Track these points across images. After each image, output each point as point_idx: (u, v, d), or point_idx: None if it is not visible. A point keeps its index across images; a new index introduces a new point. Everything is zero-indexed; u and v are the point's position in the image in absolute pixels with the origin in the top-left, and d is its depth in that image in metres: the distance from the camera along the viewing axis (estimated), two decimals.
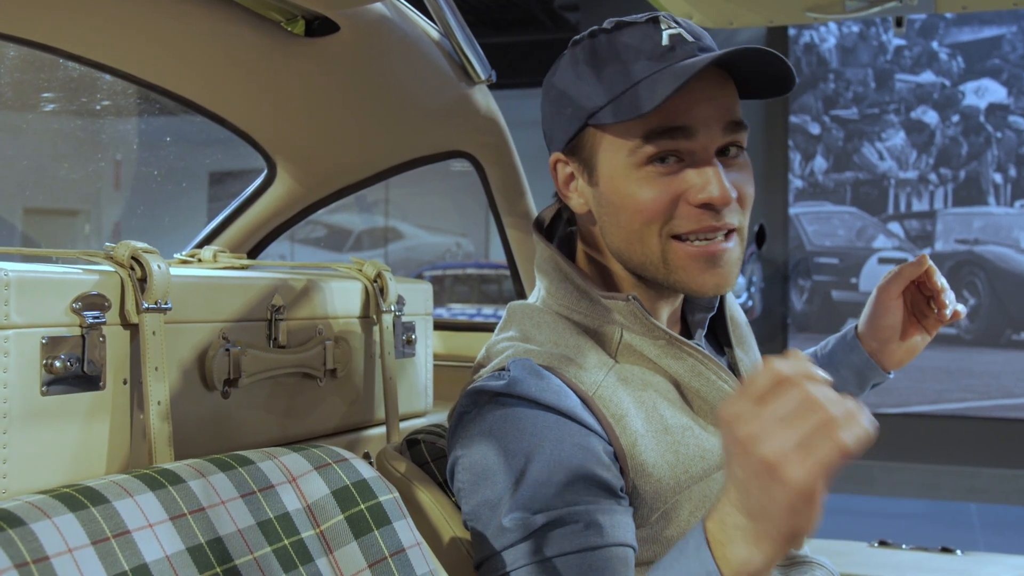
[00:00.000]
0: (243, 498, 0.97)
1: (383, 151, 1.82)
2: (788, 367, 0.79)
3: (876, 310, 1.40)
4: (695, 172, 1.09)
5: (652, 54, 1.09)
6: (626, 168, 1.10)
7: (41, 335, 0.96)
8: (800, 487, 0.76)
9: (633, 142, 1.09)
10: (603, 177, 1.13)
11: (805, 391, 0.77)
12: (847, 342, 1.46)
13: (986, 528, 5.95)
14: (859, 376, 1.45)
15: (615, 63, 1.10)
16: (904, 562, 1.80)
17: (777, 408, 0.77)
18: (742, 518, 0.82)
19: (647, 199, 1.09)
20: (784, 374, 0.78)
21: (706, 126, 1.08)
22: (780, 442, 0.76)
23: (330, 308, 1.41)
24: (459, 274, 9.94)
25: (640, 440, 1.08)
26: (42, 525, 0.80)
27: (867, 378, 1.45)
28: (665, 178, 1.09)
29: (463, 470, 1.09)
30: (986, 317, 7.32)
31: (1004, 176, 7.34)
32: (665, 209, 1.09)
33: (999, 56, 7.38)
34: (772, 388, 0.78)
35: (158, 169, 6.88)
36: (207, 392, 1.19)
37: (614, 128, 1.10)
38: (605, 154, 1.12)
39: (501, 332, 1.21)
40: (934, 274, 1.36)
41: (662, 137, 1.08)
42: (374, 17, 1.47)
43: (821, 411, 0.76)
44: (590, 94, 1.11)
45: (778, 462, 0.76)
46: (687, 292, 1.14)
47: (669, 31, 1.10)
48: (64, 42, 1.37)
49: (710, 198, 1.08)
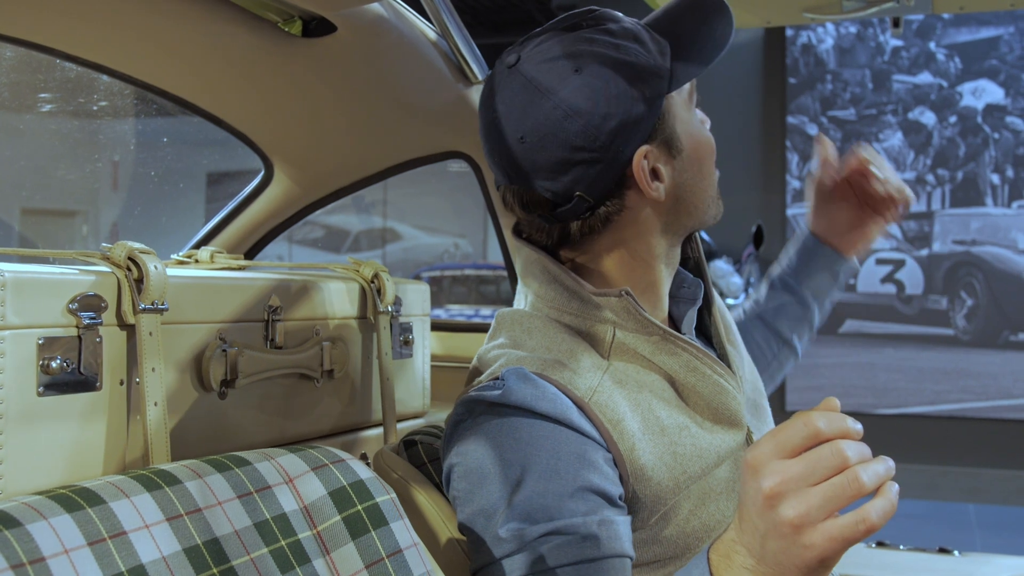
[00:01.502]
0: (240, 499, 0.96)
1: (380, 152, 1.82)
2: (825, 424, 0.75)
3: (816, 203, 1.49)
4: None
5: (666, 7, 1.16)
6: (691, 118, 1.18)
7: (38, 336, 0.96)
8: (820, 554, 0.75)
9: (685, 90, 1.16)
10: (683, 137, 1.15)
11: (842, 455, 0.74)
12: (808, 246, 1.51)
13: (984, 529, 5.96)
14: (830, 271, 1.51)
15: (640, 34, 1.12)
16: (902, 563, 1.80)
17: (809, 469, 0.74)
18: (752, 561, 0.80)
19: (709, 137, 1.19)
20: (821, 431, 0.75)
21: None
22: (808, 507, 0.74)
23: (327, 309, 1.41)
24: (457, 275, 9.94)
25: (638, 443, 1.07)
26: (38, 526, 0.80)
27: (837, 271, 1.52)
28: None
29: (459, 478, 1.08)
30: (984, 318, 7.33)
31: (1001, 177, 7.35)
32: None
33: (996, 57, 7.39)
34: (805, 445, 0.75)
35: (155, 170, 6.88)
36: (204, 393, 1.19)
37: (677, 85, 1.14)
38: (679, 114, 1.15)
39: (491, 340, 1.19)
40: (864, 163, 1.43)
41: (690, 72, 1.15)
42: (371, 18, 1.47)
43: (855, 482, 0.73)
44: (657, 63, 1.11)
45: (803, 526, 0.74)
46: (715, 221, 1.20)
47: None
48: (61, 43, 1.36)
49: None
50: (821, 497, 0.74)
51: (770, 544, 0.77)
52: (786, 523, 0.75)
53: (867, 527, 0.73)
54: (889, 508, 0.74)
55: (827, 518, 0.74)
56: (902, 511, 4.65)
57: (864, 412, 7.30)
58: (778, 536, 0.76)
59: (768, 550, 0.77)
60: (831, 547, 0.74)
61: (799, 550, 0.75)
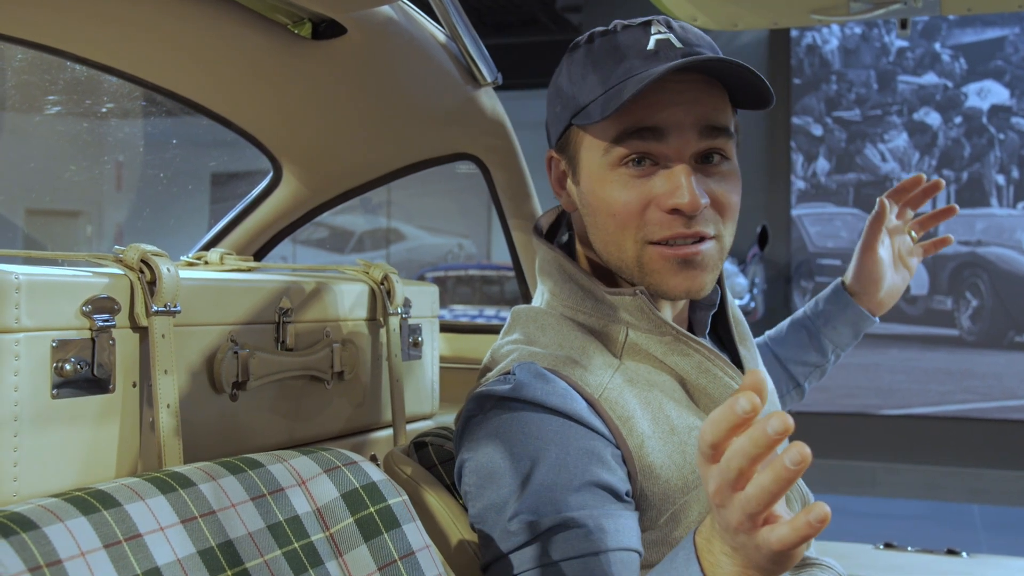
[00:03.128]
0: (253, 501, 0.97)
1: (389, 153, 1.82)
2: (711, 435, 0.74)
3: (861, 264, 1.47)
4: (666, 176, 1.09)
5: (638, 57, 1.10)
6: (602, 168, 1.12)
7: (51, 338, 0.96)
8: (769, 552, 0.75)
9: (607, 141, 1.11)
10: (583, 176, 1.15)
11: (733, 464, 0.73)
12: (839, 298, 1.52)
13: (989, 529, 5.95)
14: (853, 327, 1.53)
15: (604, 65, 1.12)
16: (910, 564, 1.80)
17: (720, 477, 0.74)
18: (728, 548, 0.81)
19: (619, 202, 1.10)
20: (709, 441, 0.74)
21: (679, 129, 1.08)
22: (741, 514, 0.74)
23: (337, 311, 1.41)
24: (461, 275, 9.94)
25: (647, 442, 1.08)
26: (54, 528, 0.80)
27: (860, 327, 1.53)
28: (637, 181, 1.10)
29: (470, 473, 1.09)
30: (988, 319, 7.32)
31: (1007, 177, 7.34)
32: (637, 213, 1.10)
33: (1002, 58, 7.38)
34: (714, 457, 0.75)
35: (161, 171, 6.89)
36: (216, 395, 1.19)
37: (593, 127, 1.12)
38: (585, 152, 1.14)
39: (506, 336, 1.21)
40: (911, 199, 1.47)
41: (632, 137, 1.09)
42: (381, 20, 1.47)
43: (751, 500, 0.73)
44: (578, 92, 1.13)
45: (741, 529, 0.75)
46: (661, 295, 1.14)
47: (657, 36, 1.11)
48: (70, 45, 1.37)
49: (678, 204, 1.07)
50: (739, 510, 0.74)
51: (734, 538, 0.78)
52: (732, 526, 0.76)
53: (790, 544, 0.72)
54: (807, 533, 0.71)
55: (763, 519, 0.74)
56: (906, 512, 4.65)
57: (869, 413, 7.30)
58: (733, 533, 0.77)
59: (735, 542, 0.79)
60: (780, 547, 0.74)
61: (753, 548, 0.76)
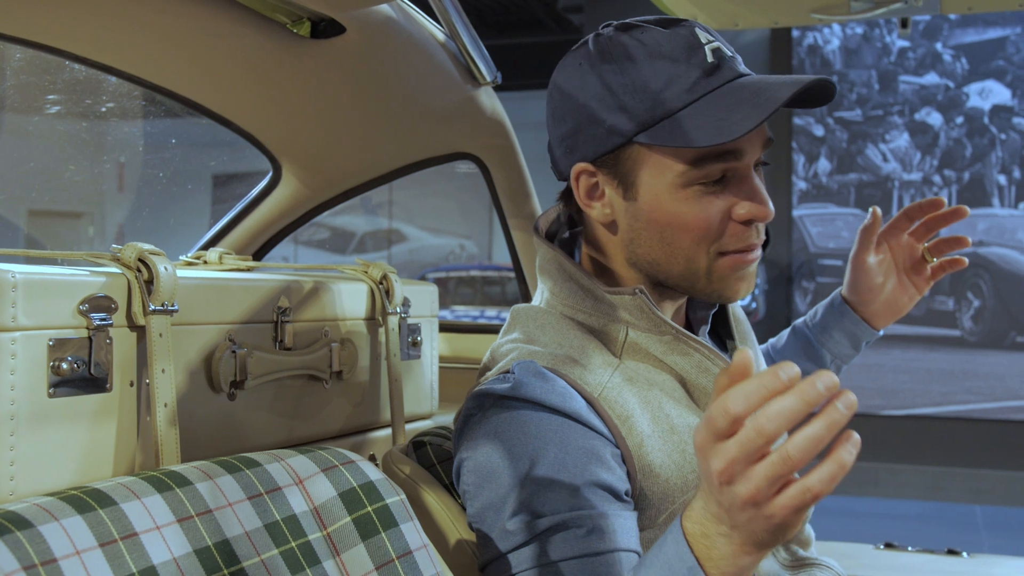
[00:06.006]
0: (250, 500, 0.96)
1: (389, 153, 1.82)
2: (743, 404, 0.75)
3: (853, 275, 1.44)
4: (741, 189, 1.09)
5: (699, 70, 1.07)
6: (673, 188, 1.09)
7: (48, 337, 0.96)
8: (782, 520, 0.77)
9: (684, 165, 1.07)
10: (645, 194, 1.10)
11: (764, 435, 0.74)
12: (835, 308, 1.49)
13: (991, 530, 5.95)
14: (851, 338, 1.49)
15: (658, 77, 1.07)
16: (911, 565, 1.79)
17: (743, 451, 0.75)
18: (725, 528, 0.82)
19: (698, 218, 1.09)
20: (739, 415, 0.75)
21: (752, 146, 1.09)
22: (755, 485, 0.75)
23: (336, 310, 1.41)
24: (462, 276, 9.94)
25: (647, 441, 1.07)
26: (50, 527, 0.80)
27: (859, 338, 1.49)
28: (711, 196, 1.09)
29: (468, 472, 1.09)
30: (990, 319, 7.32)
31: (1008, 178, 7.33)
32: (715, 227, 1.09)
33: (1003, 58, 7.37)
34: (733, 429, 0.76)
35: (162, 171, 6.89)
36: (213, 394, 1.19)
37: (665, 149, 1.08)
38: (650, 172, 1.09)
39: (505, 335, 1.20)
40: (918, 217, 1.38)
41: (717, 161, 1.07)
42: (380, 19, 1.47)
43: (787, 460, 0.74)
44: (632, 109, 1.07)
45: (755, 501, 0.76)
46: (721, 300, 1.15)
47: (710, 45, 1.08)
48: (70, 44, 1.37)
49: (759, 214, 1.09)
50: (763, 476, 0.75)
51: (735, 516, 0.79)
52: (742, 501, 0.77)
53: (812, 495, 0.75)
54: (837, 471, 0.74)
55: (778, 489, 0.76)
56: (908, 512, 4.63)
57: (871, 413, 7.29)
58: (739, 510, 0.78)
59: (736, 520, 0.80)
60: (788, 514, 0.76)
61: (762, 520, 0.78)
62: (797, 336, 1.54)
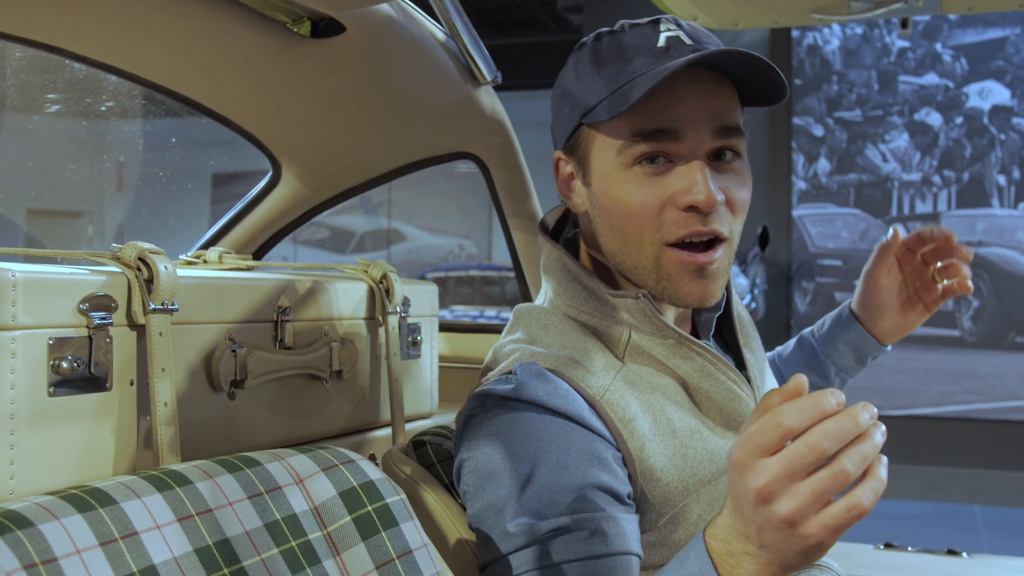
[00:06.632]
0: (250, 499, 0.96)
1: (389, 152, 1.82)
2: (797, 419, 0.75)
3: (864, 290, 1.44)
4: (681, 173, 1.08)
5: (647, 54, 1.09)
6: (615, 168, 1.10)
7: (48, 336, 0.96)
8: (818, 541, 0.77)
9: (621, 141, 1.09)
10: (595, 177, 1.13)
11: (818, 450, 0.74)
12: (843, 320, 1.49)
13: (990, 530, 5.95)
14: (857, 351, 1.49)
15: (612, 63, 1.10)
16: (910, 564, 1.79)
17: (791, 467, 0.75)
18: (752, 547, 0.82)
19: (636, 201, 1.09)
20: (793, 429, 0.75)
21: (694, 127, 1.07)
22: (799, 503, 0.75)
23: (336, 309, 1.41)
24: (462, 276, 9.94)
25: (648, 444, 1.07)
26: (50, 526, 0.80)
27: (865, 352, 1.49)
28: (653, 179, 1.09)
29: (469, 472, 1.09)
30: (990, 319, 7.32)
31: (1008, 178, 7.34)
32: (654, 213, 1.09)
33: (1003, 58, 7.37)
34: (782, 444, 0.76)
35: (162, 170, 6.89)
36: (213, 393, 1.19)
37: (605, 126, 1.10)
38: (597, 153, 1.12)
39: (508, 335, 1.20)
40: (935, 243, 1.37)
41: (648, 138, 1.08)
42: (380, 18, 1.47)
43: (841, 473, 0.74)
44: (586, 92, 1.12)
45: (795, 520, 0.76)
46: (672, 301, 1.13)
47: (667, 33, 1.10)
48: (70, 43, 1.37)
49: (695, 200, 1.07)
50: (810, 493, 0.75)
51: (767, 535, 0.79)
52: (780, 519, 0.76)
53: (859, 512, 0.75)
54: (879, 487, 0.75)
55: (820, 509, 0.76)
56: (908, 512, 4.65)
57: None
58: (774, 529, 0.78)
59: (766, 540, 0.79)
60: (827, 534, 0.76)
61: (797, 540, 0.77)
62: (803, 347, 1.54)
